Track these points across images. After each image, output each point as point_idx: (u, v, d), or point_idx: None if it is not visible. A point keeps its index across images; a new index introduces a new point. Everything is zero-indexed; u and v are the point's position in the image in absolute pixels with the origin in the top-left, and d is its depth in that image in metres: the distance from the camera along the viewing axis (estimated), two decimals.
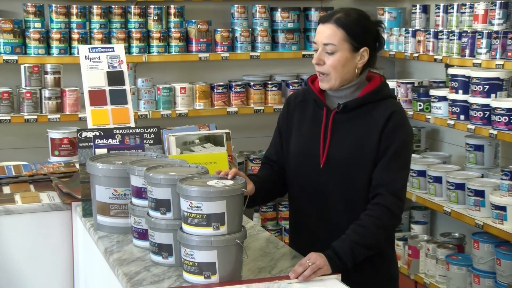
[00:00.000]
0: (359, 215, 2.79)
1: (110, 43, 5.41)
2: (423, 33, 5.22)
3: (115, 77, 3.80)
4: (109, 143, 3.28)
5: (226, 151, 3.47)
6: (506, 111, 4.29)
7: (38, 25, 5.36)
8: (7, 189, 3.78)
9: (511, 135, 4.28)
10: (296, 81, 5.91)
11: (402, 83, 5.42)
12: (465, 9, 4.86)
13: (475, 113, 4.54)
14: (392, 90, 5.47)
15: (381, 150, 2.79)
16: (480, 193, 4.49)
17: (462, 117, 4.71)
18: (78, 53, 4.49)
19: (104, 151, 3.25)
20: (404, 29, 5.48)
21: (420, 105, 5.17)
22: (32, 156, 5.08)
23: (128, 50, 5.47)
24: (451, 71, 4.86)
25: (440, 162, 5.19)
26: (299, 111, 2.99)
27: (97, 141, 3.27)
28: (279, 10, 5.87)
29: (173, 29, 5.60)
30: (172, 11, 5.66)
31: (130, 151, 3.22)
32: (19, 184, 3.87)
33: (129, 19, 5.56)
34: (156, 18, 5.58)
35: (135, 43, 5.51)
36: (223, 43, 5.73)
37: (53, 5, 5.40)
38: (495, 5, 4.55)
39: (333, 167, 2.83)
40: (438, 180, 4.92)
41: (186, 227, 2.45)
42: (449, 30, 4.94)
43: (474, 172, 4.81)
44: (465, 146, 4.93)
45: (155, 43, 5.55)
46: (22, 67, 5.28)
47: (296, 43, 5.87)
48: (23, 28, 5.34)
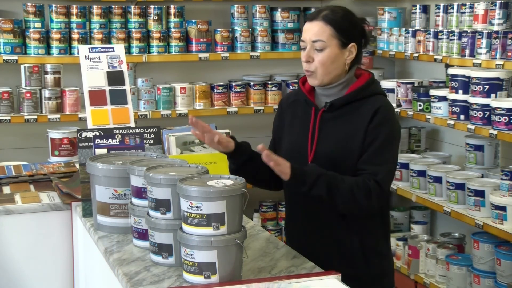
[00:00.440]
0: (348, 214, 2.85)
1: (110, 43, 5.41)
2: (423, 33, 5.22)
3: (115, 77, 3.80)
4: (109, 143, 3.28)
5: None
6: (506, 111, 4.29)
7: (38, 25, 5.36)
8: (7, 189, 3.78)
9: (511, 135, 4.28)
10: (296, 81, 5.90)
11: (402, 83, 5.42)
12: (465, 9, 4.86)
13: (475, 113, 4.54)
14: (392, 90, 5.48)
15: (366, 144, 2.82)
16: (480, 193, 4.49)
17: (462, 117, 4.71)
18: (78, 53, 4.49)
19: (104, 151, 3.25)
20: (404, 29, 5.48)
21: (420, 105, 5.17)
22: (32, 156, 5.08)
23: (128, 50, 5.47)
24: (451, 71, 4.86)
25: (440, 162, 5.19)
26: (291, 112, 3.05)
27: (97, 141, 3.27)
28: (279, 10, 5.87)
29: (173, 29, 5.60)
30: (172, 11, 5.66)
31: (130, 151, 3.22)
32: (19, 184, 3.87)
33: (129, 19, 5.56)
34: (156, 18, 5.58)
35: (135, 43, 5.51)
36: (223, 43, 5.73)
37: (53, 5, 5.40)
38: (495, 5, 4.55)
39: (320, 164, 2.86)
40: (438, 180, 4.92)
41: (186, 227, 2.45)
42: (449, 30, 4.94)
43: (474, 172, 4.81)
44: (465, 146, 4.94)
45: (155, 43, 5.55)
46: (22, 67, 5.28)
47: (296, 43, 5.87)
48: (23, 28, 5.34)
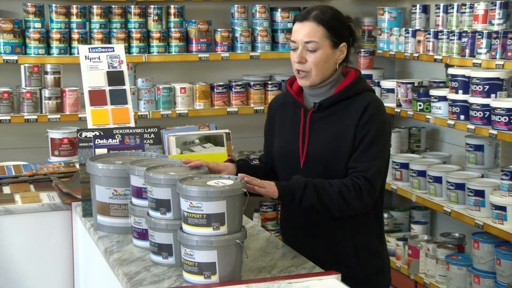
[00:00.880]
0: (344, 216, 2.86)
1: (110, 43, 5.41)
2: (423, 33, 5.22)
3: (115, 77, 3.80)
4: (109, 143, 3.28)
5: (226, 151, 3.48)
6: (506, 111, 4.29)
7: (38, 25, 5.36)
8: (7, 189, 3.78)
9: (511, 135, 4.28)
10: None
11: (402, 83, 5.42)
12: (465, 9, 4.86)
13: (475, 113, 4.54)
14: (392, 90, 5.48)
15: (356, 142, 2.82)
16: (480, 193, 4.49)
17: (462, 117, 4.71)
18: (78, 53, 4.49)
19: (104, 151, 3.25)
20: (404, 29, 5.48)
21: (420, 105, 5.17)
22: (32, 156, 5.08)
23: (128, 50, 5.47)
24: (451, 71, 4.86)
25: (440, 162, 5.19)
26: (280, 114, 3.05)
27: (97, 141, 3.27)
28: (279, 10, 5.87)
29: (173, 29, 5.60)
30: (172, 11, 5.66)
31: (130, 151, 3.22)
32: (19, 184, 3.87)
33: (129, 19, 5.57)
34: (156, 18, 5.58)
35: (135, 43, 5.51)
36: (223, 43, 5.73)
37: (53, 5, 5.40)
38: (495, 5, 4.55)
39: (313, 165, 2.87)
40: (438, 180, 4.92)
41: (186, 227, 2.45)
42: (449, 30, 4.94)
43: (474, 172, 4.81)
44: (465, 146, 4.94)
45: (155, 43, 5.55)
46: (22, 67, 5.28)
47: None
48: (23, 28, 5.34)
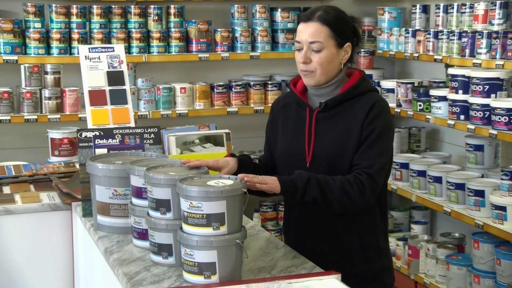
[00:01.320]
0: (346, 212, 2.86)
1: (110, 43, 5.41)
2: (423, 33, 5.22)
3: (115, 77, 3.80)
4: (109, 143, 3.28)
5: (226, 151, 3.48)
6: (506, 111, 4.29)
7: (38, 25, 5.36)
8: (7, 189, 3.78)
9: (511, 135, 4.28)
10: None
11: (402, 83, 5.42)
12: (465, 9, 4.86)
13: (475, 113, 4.54)
14: (392, 90, 5.48)
15: (361, 140, 2.84)
16: (480, 193, 4.49)
17: (462, 117, 4.71)
18: (78, 53, 4.49)
19: (104, 151, 3.25)
20: (404, 29, 5.48)
21: (420, 105, 5.17)
22: (32, 156, 5.08)
23: (128, 50, 5.47)
24: (451, 71, 4.86)
25: (440, 162, 5.19)
26: (283, 115, 3.05)
27: (97, 141, 3.27)
28: (279, 10, 5.87)
29: (173, 29, 5.60)
30: (172, 11, 5.66)
31: (130, 151, 3.22)
32: (19, 184, 3.87)
33: (129, 19, 5.57)
34: (156, 18, 5.58)
35: (135, 43, 5.51)
36: (223, 43, 5.73)
37: (53, 5, 5.40)
38: (495, 5, 4.55)
39: (319, 164, 2.87)
40: (438, 180, 4.92)
41: (186, 227, 2.45)
42: (449, 30, 4.94)
43: (474, 172, 4.81)
44: (465, 146, 4.93)
45: (155, 43, 5.55)
46: (22, 67, 5.28)
47: None
48: (23, 28, 5.34)
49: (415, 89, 5.25)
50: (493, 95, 4.48)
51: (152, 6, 5.59)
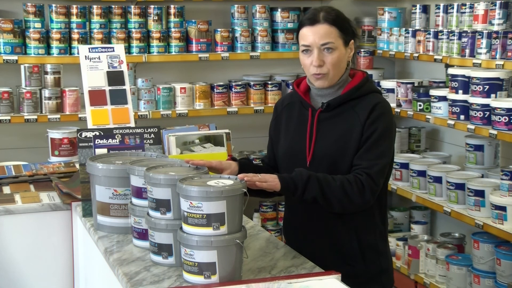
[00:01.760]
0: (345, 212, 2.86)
1: (110, 43, 5.41)
2: (423, 33, 5.22)
3: (115, 77, 3.80)
4: (109, 143, 3.28)
5: (226, 151, 3.48)
6: (506, 111, 4.29)
7: (38, 25, 5.36)
8: (7, 189, 3.78)
9: (511, 135, 4.28)
10: None
11: (402, 83, 5.42)
12: (465, 9, 4.86)
13: (475, 113, 4.54)
14: (392, 90, 5.48)
15: (362, 140, 2.84)
16: (480, 193, 4.49)
17: (462, 117, 4.71)
18: (78, 53, 4.49)
19: (104, 151, 3.25)
20: (404, 29, 5.48)
21: (420, 105, 5.17)
22: (32, 156, 5.08)
23: (128, 50, 5.47)
24: (451, 71, 4.86)
25: (440, 162, 5.19)
26: (286, 114, 3.06)
27: (97, 141, 3.27)
28: (279, 10, 5.87)
29: (173, 29, 5.60)
30: (172, 11, 5.66)
31: (130, 151, 3.22)
32: (19, 184, 3.87)
33: (129, 19, 5.57)
34: (156, 18, 5.58)
35: (135, 43, 5.51)
36: (223, 43, 5.73)
37: (53, 5, 5.40)
38: (495, 5, 4.55)
39: (319, 164, 2.87)
40: (438, 180, 4.92)
41: (186, 227, 2.45)
42: (449, 30, 4.94)
43: (474, 172, 4.81)
44: (465, 146, 4.94)
45: (155, 43, 5.55)
46: (22, 67, 5.28)
47: (296, 43, 5.82)
48: (23, 28, 5.34)
49: (415, 89, 5.25)
50: (493, 95, 4.48)
51: (152, 6, 5.59)
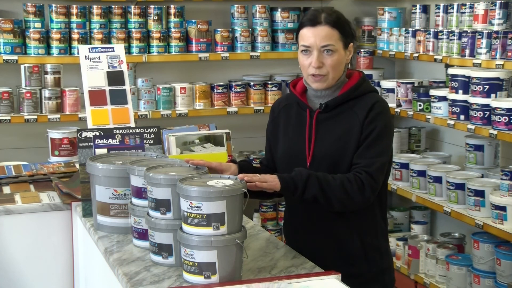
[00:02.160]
0: (346, 211, 2.86)
1: (110, 43, 5.41)
2: (423, 33, 5.22)
3: (115, 77, 3.80)
4: (109, 143, 3.28)
5: (226, 151, 3.48)
6: (506, 111, 4.29)
7: (38, 25, 5.36)
8: (7, 189, 3.78)
9: (511, 135, 4.28)
10: None
11: (402, 83, 5.42)
12: (465, 9, 4.86)
13: (475, 113, 4.54)
14: (392, 90, 5.48)
15: (361, 139, 2.85)
16: (480, 193, 4.49)
17: (462, 117, 4.71)
18: (78, 53, 4.49)
19: (104, 151, 3.25)
20: (404, 29, 5.48)
21: (420, 105, 5.17)
22: (32, 156, 5.08)
23: (128, 50, 5.47)
24: (451, 71, 4.86)
25: (440, 162, 5.19)
26: (284, 116, 3.05)
27: (97, 141, 3.27)
28: (279, 10, 5.87)
29: (173, 29, 5.60)
30: (172, 11, 5.66)
31: (130, 151, 3.22)
32: (19, 184, 3.87)
33: (129, 19, 5.56)
34: (156, 18, 5.58)
35: (135, 43, 5.51)
36: (223, 43, 5.73)
37: (53, 5, 5.40)
38: (495, 5, 4.55)
39: (319, 165, 2.87)
40: (438, 180, 4.92)
41: (186, 227, 2.45)
42: (449, 30, 4.94)
43: (474, 172, 4.81)
44: (465, 146, 4.94)
45: (155, 43, 5.55)
46: (22, 67, 5.28)
47: (296, 43, 5.85)
48: (23, 28, 5.34)
49: (415, 89, 5.25)
50: (493, 95, 4.48)
51: (152, 6, 5.59)
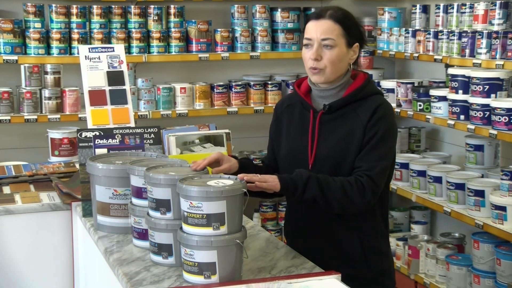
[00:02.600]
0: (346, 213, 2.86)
1: (110, 43, 5.41)
2: (423, 33, 5.22)
3: (115, 77, 3.80)
4: (109, 143, 3.28)
5: (226, 151, 3.48)
6: (506, 111, 4.29)
7: (38, 25, 5.36)
8: (7, 189, 3.78)
9: (511, 135, 4.28)
10: None
11: (402, 83, 5.42)
12: (465, 9, 4.86)
13: (475, 113, 4.54)
14: (392, 90, 5.48)
15: (364, 142, 2.84)
16: (480, 193, 4.49)
17: (462, 117, 4.71)
18: (78, 53, 4.49)
19: (104, 151, 3.25)
20: (404, 29, 5.48)
21: (420, 105, 5.17)
22: (32, 156, 5.08)
23: (128, 50, 5.47)
24: (451, 71, 4.86)
25: (440, 162, 5.19)
26: (287, 115, 3.05)
27: (97, 141, 3.27)
28: (279, 10, 5.87)
29: (173, 29, 5.60)
30: (172, 11, 5.66)
31: (130, 151, 3.22)
32: (19, 184, 3.87)
33: (129, 19, 5.57)
34: (156, 18, 5.58)
35: (135, 43, 5.51)
36: (223, 43, 5.73)
37: (53, 5, 5.40)
38: (495, 5, 4.55)
39: (321, 166, 2.87)
40: (438, 180, 4.92)
41: (186, 227, 2.45)
42: (449, 30, 4.94)
43: (474, 172, 4.81)
44: (465, 146, 4.94)
45: (155, 43, 5.55)
46: (22, 67, 5.28)
47: (296, 43, 5.87)
48: (23, 28, 5.34)
49: (415, 89, 5.25)
50: (493, 95, 4.48)
51: (152, 6, 5.59)
